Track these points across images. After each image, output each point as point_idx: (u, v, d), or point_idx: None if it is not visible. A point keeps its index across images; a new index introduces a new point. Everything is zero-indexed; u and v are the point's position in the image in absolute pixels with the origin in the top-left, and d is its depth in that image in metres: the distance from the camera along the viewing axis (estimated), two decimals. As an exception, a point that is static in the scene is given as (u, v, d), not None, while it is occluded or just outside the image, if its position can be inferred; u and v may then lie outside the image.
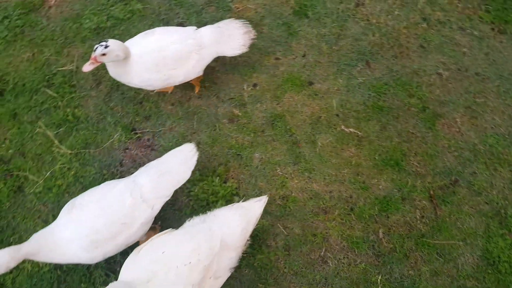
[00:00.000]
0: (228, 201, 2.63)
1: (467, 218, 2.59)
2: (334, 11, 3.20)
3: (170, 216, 2.66)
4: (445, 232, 2.55)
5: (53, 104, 3.08)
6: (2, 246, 2.61)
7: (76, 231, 2.19)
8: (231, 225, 2.17)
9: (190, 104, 3.04)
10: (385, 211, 2.58)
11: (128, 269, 2.07)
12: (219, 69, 3.15)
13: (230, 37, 2.87)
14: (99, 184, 2.73)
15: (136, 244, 2.39)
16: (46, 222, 2.65)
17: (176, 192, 2.70)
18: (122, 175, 2.79)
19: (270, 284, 2.39)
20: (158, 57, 2.67)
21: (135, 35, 2.78)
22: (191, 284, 2.00)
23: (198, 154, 2.44)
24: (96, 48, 2.47)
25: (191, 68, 2.81)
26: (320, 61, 3.06)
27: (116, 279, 2.16)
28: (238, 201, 2.61)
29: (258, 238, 2.51)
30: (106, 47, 2.46)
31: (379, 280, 2.42)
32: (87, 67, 2.52)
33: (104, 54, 2.47)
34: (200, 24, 3.17)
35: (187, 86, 3.11)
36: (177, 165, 2.41)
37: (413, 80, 2.98)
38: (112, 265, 2.55)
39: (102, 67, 3.04)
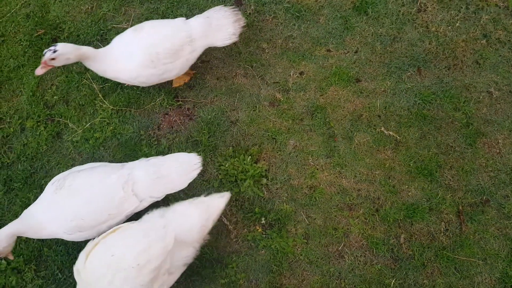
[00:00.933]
0: (256, 181, 2.67)
1: (492, 239, 2.55)
2: (394, 12, 3.14)
3: (198, 186, 2.72)
4: (467, 248, 2.52)
5: (104, 59, 3.18)
6: (34, 187, 2.75)
7: (61, 214, 2.21)
8: (190, 221, 2.14)
9: (235, 81, 3.08)
10: (410, 218, 2.57)
11: (79, 270, 2.06)
12: (269, 51, 3.16)
13: (219, 28, 2.78)
14: (134, 144, 2.84)
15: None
16: (81, 170, 2.77)
17: (206, 163, 2.77)
18: (158, 139, 2.86)
19: (284, 268, 2.43)
20: (151, 53, 2.58)
21: None
22: (140, 285, 1.99)
23: (201, 169, 2.40)
24: (45, 53, 2.37)
25: (185, 61, 2.75)
26: (371, 60, 3.03)
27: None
28: (266, 183, 2.66)
29: (279, 222, 2.54)
30: (54, 51, 2.35)
31: (392, 283, 2.42)
32: (39, 71, 2.43)
33: (53, 59, 2.37)
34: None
35: (232, 63, 3.14)
36: (177, 173, 2.36)
37: (462, 95, 2.92)
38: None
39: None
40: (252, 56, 3.16)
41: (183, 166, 2.38)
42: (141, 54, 2.57)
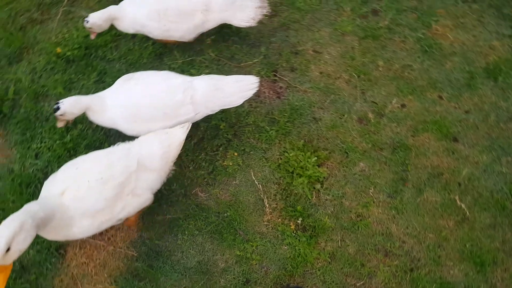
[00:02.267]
0: (310, 183, 2.62)
1: None
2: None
3: (256, 160, 2.72)
4: None
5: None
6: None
7: (124, 100, 2.39)
8: (152, 148, 2.24)
9: (336, 82, 3.02)
10: (441, 296, 2.41)
11: (47, 185, 2.14)
12: (382, 70, 3.06)
13: (241, 8, 2.79)
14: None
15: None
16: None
17: (271, 144, 2.76)
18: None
19: (297, 273, 2.38)
20: (160, 6, 2.68)
21: None
22: (104, 198, 2.07)
23: (257, 88, 2.50)
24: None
25: (192, 27, 2.79)
26: (478, 127, 2.84)
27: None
28: (318, 189, 2.61)
29: (314, 230, 2.48)
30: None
31: None
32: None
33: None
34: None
35: (341, 65, 3.08)
36: (235, 88, 2.49)
37: (555, 207, 2.66)
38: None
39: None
40: (364, 67, 3.08)
41: (240, 83, 2.51)
42: (150, 5, 2.69)
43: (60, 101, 2.35)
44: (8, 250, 1.68)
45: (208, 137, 2.81)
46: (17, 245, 1.71)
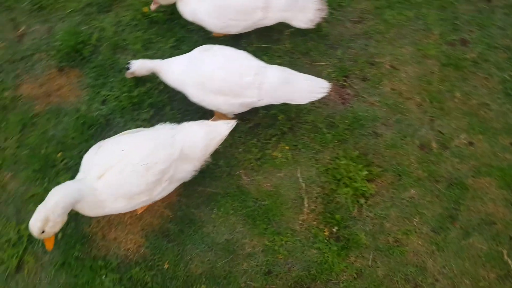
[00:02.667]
0: (355, 195, 2.55)
1: None
2: None
3: (306, 160, 2.70)
4: None
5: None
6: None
7: (197, 67, 2.48)
8: (195, 139, 2.26)
9: (405, 103, 2.92)
10: None
11: (86, 163, 2.20)
12: (457, 102, 2.92)
13: (302, 9, 2.78)
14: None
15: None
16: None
17: (324, 147, 2.73)
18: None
19: (321, 280, 2.32)
20: (221, 3, 2.72)
21: None
22: (146, 183, 2.12)
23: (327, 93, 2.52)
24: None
25: (250, 24, 2.81)
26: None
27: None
28: (361, 204, 2.54)
29: (347, 243, 2.42)
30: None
31: None
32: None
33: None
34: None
35: (416, 86, 2.97)
36: (305, 87, 2.49)
37: None
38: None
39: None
40: (439, 94, 2.96)
41: (311, 84, 2.51)
42: (212, 0, 2.73)
43: (131, 62, 2.67)
44: (43, 232, 2.03)
45: (264, 124, 2.82)
46: (50, 229, 2.03)
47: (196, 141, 2.27)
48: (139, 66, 2.67)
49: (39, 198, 2.65)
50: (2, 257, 2.49)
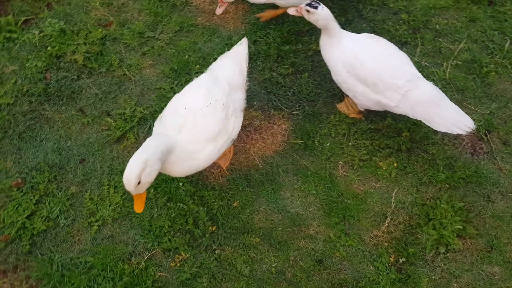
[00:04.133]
0: (437, 240, 2.39)
1: None
2: None
3: (406, 186, 2.59)
4: None
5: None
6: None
7: (357, 49, 2.47)
8: (230, 69, 2.40)
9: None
10: None
11: (159, 129, 2.23)
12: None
13: None
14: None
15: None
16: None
17: (431, 182, 2.59)
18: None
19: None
20: None
21: None
22: (219, 119, 2.21)
23: (465, 134, 2.45)
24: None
25: None
26: None
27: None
28: (440, 253, 2.40)
29: (407, 279, 2.31)
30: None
31: None
32: (218, 10, 2.85)
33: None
34: None
35: None
36: (449, 117, 2.39)
37: None
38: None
39: None
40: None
41: (458, 117, 2.39)
42: None
43: (320, 4, 2.47)
44: (138, 183, 1.96)
45: (385, 133, 2.75)
46: (145, 178, 1.97)
47: (232, 69, 2.40)
48: (325, 16, 2.45)
49: (163, 93, 2.91)
50: (111, 125, 2.81)
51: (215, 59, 2.96)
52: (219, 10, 2.85)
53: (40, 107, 2.90)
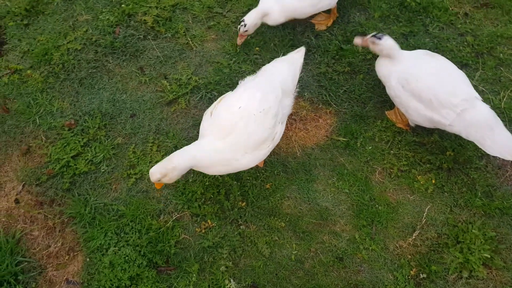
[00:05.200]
0: (461, 264, 2.36)
1: None
2: None
3: (440, 204, 2.57)
4: None
5: None
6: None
7: (414, 67, 2.49)
8: (284, 74, 2.41)
9: None
10: None
11: (206, 129, 2.26)
12: None
13: None
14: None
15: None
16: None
17: (467, 206, 2.55)
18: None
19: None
20: None
21: None
22: (268, 127, 2.23)
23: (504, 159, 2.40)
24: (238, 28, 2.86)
25: None
26: None
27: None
28: (462, 276, 2.37)
29: (422, 295, 2.31)
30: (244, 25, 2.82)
31: None
32: (239, 41, 2.96)
33: (246, 31, 2.85)
34: None
35: None
36: (502, 142, 2.36)
37: None
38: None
39: None
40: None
41: (507, 142, 2.36)
42: None
43: (384, 35, 2.54)
44: (159, 180, 2.19)
45: (429, 148, 2.73)
46: (165, 181, 2.19)
47: (286, 75, 2.42)
48: (388, 47, 2.53)
49: (220, 67, 3.00)
50: (166, 87, 2.92)
51: (275, 45, 3.05)
52: (239, 41, 2.97)
53: (104, 58, 3.06)
